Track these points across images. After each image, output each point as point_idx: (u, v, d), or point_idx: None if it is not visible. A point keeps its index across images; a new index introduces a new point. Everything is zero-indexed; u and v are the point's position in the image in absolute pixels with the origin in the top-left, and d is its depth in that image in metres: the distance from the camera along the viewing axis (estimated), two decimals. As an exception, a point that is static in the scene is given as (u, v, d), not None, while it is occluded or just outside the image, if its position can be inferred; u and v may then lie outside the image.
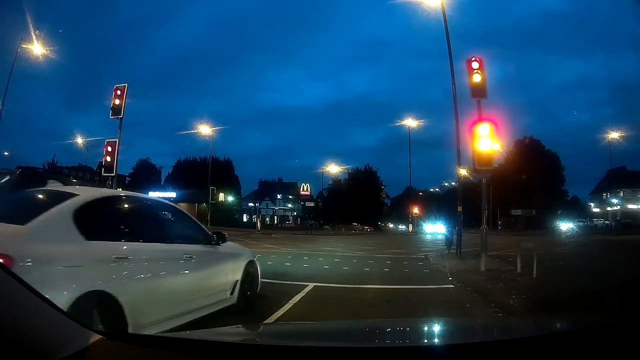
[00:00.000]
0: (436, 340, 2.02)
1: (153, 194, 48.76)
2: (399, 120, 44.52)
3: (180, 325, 3.69)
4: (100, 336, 1.33)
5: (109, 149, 15.47)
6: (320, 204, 68.50)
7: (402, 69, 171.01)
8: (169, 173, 72.32)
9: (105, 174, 16.06)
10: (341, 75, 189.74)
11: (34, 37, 21.21)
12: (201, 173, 55.15)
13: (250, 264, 5.64)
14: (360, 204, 63.83)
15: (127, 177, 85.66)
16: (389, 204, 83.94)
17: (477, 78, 11.04)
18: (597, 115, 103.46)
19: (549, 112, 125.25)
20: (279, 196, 73.27)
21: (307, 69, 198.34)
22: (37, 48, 21.46)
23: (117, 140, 15.23)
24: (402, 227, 57.36)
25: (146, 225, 4.07)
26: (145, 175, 70.49)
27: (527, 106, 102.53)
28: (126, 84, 15.48)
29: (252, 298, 5.57)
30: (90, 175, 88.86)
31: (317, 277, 8.64)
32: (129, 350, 1.36)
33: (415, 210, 47.89)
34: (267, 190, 76.37)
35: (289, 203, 69.49)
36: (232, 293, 5.00)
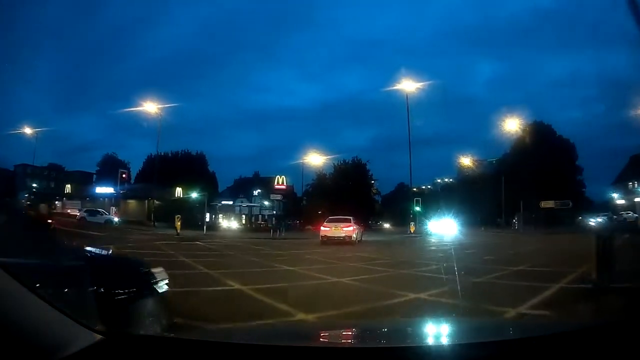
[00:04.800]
0: (437, 340, 1.95)
1: (101, 190, 42.31)
2: (396, 83, 35.89)
3: None
4: (101, 336, 1.34)
5: None
6: (304, 203, 59.79)
7: (394, 68, 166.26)
8: (139, 169, 65.13)
9: None
10: (332, 75, 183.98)
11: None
12: (172, 168, 52.51)
13: (362, 233, 25.30)
14: (348, 201, 54.89)
15: (94, 175, 76.76)
16: (379, 201, 75.89)
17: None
18: (587, 112, 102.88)
19: (541, 109, 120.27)
20: (255, 193, 63.82)
21: (298, 69, 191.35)
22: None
23: None
24: (424, 227, 44.82)
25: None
26: (111, 172, 63.64)
27: (522, 103, 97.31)
28: None
29: (361, 239, 23.61)
30: (57, 174, 78.52)
31: None
32: (129, 351, 1.37)
33: (417, 205, 39.13)
34: (242, 186, 66.86)
35: (267, 200, 59.93)
36: (358, 239, 22.88)
